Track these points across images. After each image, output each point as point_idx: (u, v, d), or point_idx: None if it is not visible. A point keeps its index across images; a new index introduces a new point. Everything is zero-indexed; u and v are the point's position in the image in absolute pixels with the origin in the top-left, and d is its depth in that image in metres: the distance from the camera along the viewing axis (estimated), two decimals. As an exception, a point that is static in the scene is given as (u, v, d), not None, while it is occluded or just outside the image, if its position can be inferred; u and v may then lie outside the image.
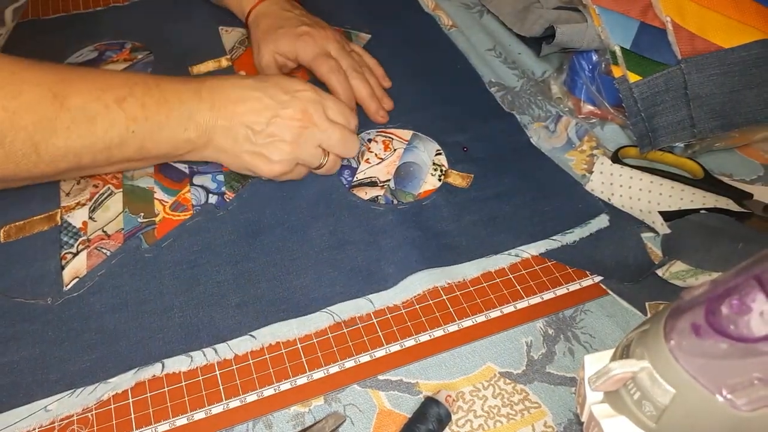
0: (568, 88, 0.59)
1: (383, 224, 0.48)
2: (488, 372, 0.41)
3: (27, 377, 0.40)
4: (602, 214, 0.49)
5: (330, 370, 0.41)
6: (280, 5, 0.61)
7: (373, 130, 0.56)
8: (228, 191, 0.51)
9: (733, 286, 0.26)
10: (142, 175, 0.52)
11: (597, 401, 0.31)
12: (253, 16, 0.61)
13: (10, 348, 0.41)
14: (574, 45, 0.55)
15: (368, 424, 0.38)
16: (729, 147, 0.55)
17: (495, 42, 0.66)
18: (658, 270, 0.46)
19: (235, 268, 0.46)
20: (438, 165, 0.54)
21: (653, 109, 0.51)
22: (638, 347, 0.28)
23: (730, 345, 0.25)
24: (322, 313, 0.43)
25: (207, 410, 0.39)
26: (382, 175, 0.53)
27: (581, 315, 0.44)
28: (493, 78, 0.62)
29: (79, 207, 0.50)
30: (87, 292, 0.44)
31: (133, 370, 0.40)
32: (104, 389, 0.39)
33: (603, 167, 0.51)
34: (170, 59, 0.63)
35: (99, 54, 0.64)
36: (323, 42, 0.57)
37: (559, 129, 0.57)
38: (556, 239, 0.48)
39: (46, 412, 0.38)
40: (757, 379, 0.25)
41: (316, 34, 0.57)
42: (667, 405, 0.27)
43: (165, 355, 0.41)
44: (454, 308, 0.44)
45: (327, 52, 0.57)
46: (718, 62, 0.50)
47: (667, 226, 0.48)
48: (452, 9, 0.70)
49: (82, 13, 0.70)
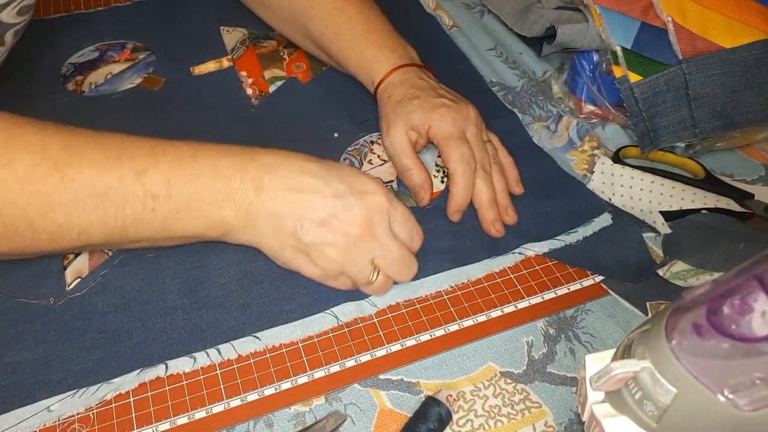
0: (569, 88, 0.59)
1: None
2: (489, 371, 0.41)
3: (29, 377, 0.40)
4: (605, 213, 0.49)
5: (331, 370, 0.41)
6: (416, 73, 0.52)
7: (375, 134, 0.56)
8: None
9: (734, 285, 0.26)
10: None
11: (598, 401, 0.31)
12: (384, 86, 0.52)
13: (13, 348, 0.41)
14: (575, 45, 0.55)
15: (369, 423, 0.38)
16: (730, 147, 0.55)
17: (496, 42, 0.66)
18: (660, 270, 0.46)
19: (239, 269, 0.46)
20: (441, 167, 0.54)
21: (654, 109, 0.51)
22: (639, 347, 0.28)
23: (732, 345, 0.25)
24: (324, 315, 0.43)
25: (208, 409, 0.39)
26: (385, 177, 0.53)
27: (582, 315, 0.44)
28: (494, 78, 0.62)
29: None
30: (89, 292, 0.44)
31: (136, 371, 0.40)
32: (107, 389, 0.39)
33: (604, 167, 0.51)
34: (171, 59, 0.63)
35: (100, 54, 0.64)
36: (463, 122, 0.49)
37: (561, 129, 0.57)
38: (560, 239, 0.48)
39: (48, 412, 0.38)
40: (758, 379, 0.25)
41: (457, 109, 0.49)
42: (668, 405, 0.27)
43: (168, 356, 0.41)
44: (454, 308, 0.44)
45: (463, 135, 0.49)
46: (719, 62, 0.50)
47: (668, 226, 0.48)
48: (453, 9, 0.70)
49: (84, 13, 0.70)
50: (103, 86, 0.60)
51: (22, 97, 0.59)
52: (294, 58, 0.64)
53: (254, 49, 0.65)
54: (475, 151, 0.48)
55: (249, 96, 0.60)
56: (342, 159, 0.54)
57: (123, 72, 0.62)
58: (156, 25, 0.67)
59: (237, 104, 0.59)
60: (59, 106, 0.58)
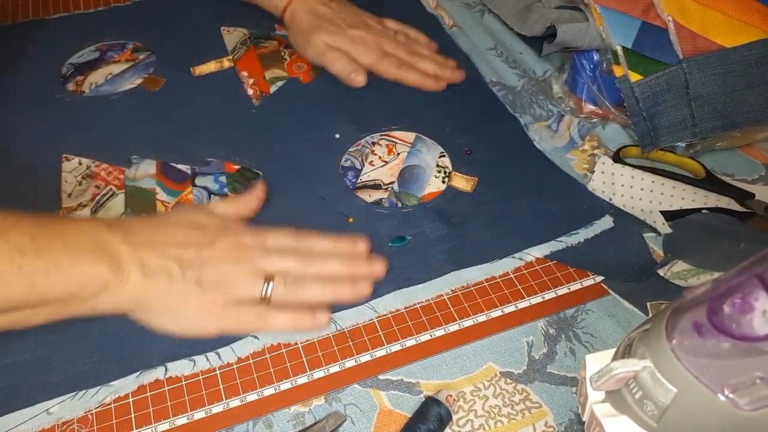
0: (569, 88, 0.59)
1: (388, 228, 0.48)
2: (489, 372, 0.41)
3: (29, 379, 0.39)
4: (606, 216, 0.49)
5: (330, 370, 0.41)
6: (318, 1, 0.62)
7: (376, 134, 0.56)
8: (230, 192, 0.51)
9: (735, 285, 0.26)
10: (144, 176, 0.52)
11: (598, 401, 0.30)
12: (289, 13, 0.62)
13: (12, 350, 0.41)
14: (576, 44, 0.55)
15: (369, 423, 0.38)
16: (731, 147, 0.55)
17: (496, 41, 0.66)
18: (660, 270, 0.46)
19: None
20: (442, 167, 0.54)
21: (655, 108, 0.51)
22: (640, 346, 0.28)
23: (733, 344, 0.25)
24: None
25: (207, 410, 0.39)
26: (386, 178, 0.53)
27: (582, 315, 0.44)
28: (494, 77, 0.62)
29: (81, 208, 0.50)
30: None
31: (135, 374, 0.40)
32: (106, 392, 0.39)
33: (604, 167, 0.51)
34: (172, 60, 0.63)
35: (101, 54, 0.64)
36: (377, 41, 0.60)
37: (562, 128, 0.57)
38: (561, 240, 0.48)
39: (48, 414, 0.38)
40: (759, 379, 0.25)
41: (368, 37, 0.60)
42: (668, 404, 0.27)
43: (167, 358, 0.41)
44: (455, 308, 0.44)
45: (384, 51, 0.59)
46: (719, 62, 0.50)
47: (668, 225, 0.47)
48: (453, 8, 0.70)
49: (84, 13, 0.70)
50: (104, 86, 0.60)
51: (23, 97, 0.59)
52: (295, 58, 0.64)
53: (255, 49, 0.65)
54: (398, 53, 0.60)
55: (250, 97, 0.60)
56: (343, 160, 0.54)
57: (123, 72, 0.62)
58: (156, 26, 0.67)
59: (238, 105, 0.59)
60: (60, 106, 0.58)
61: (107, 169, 0.53)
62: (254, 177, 0.52)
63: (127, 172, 0.52)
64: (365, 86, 0.59)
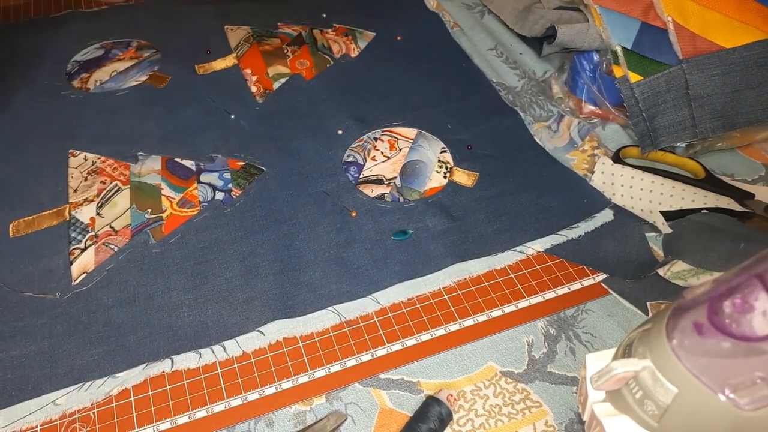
0: (569, 88, 0.59)
1: (390, 222, 0.49)
2: (489, 371, 0.41)
3: (35, 371, 0.40)
4: (607, 209, 0.50)
5: (331, 369, 0.41)
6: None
7: (378, 130, 0.57)
8: (235, 188, 0.51)
9: (735, 284, 0.26)
10: (149, 171, 0.52)
11: (599, 400, 0.31)
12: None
13: (19, 342, 0.41)
14: (576, 45, 0.55)
15: (369, 422, 0.38)
16: (730, 147, 0.55)
17: (496, 42, 0.66)
18: (660, 270, 0.46)
19: (243, 264, 0.46)
20: (443, 162, 0.54)
21: (654, 109, 0.51)
22: (640, 346, 0.28)
23: (733, 344, 0.25)
24: (327, 312, 0.43)
25: (209, 408, 0.39)
26: (388, 173, 0.53)
27: (582, 314, 0.44)
28: (495, 78, 0.62)
29: (86, 203, 0.50)
30: (95, 286, 0.44)
31: (141, 366, 0.40)
32: (113, 384, 0.39)
33: (604, 167, 0.51)
34: (176, 57, 0.63)
35: (105, 52, 0.64)
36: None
37: (562, 128, 0.57)
38: (562, 234, 0.48)
39: (55, 406, 0.38)
40: (759, 378, 0.25)
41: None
42: (669, 404, 0.27)
43: (173, 351, 0.41)
44: (455, 307, 0.44)
45: None
46: (719, 62, 0.50)
47: (668, 225, 0.48)
48: (454, 9, 0.70)
49: (88, 11, 0.70)
50: (108, 83, 0.61)
51: (29, 94, 0.59)
52: (298, 55, 0.64)
53: (258, 46, 0.65)
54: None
55: (253, 94, 0.60)
56: (346, 155, 0.54)
57: (128, 70, 0.62)
58: (161, 24, 0.67)
59: (242, 102, 0.59)
60: (65, 102, 0.59)
61: (113, 164, 0.53)
62: (258, 173, 0.53)
63: (133, 168, 0.53)
64: (367, 82, 0.59)
